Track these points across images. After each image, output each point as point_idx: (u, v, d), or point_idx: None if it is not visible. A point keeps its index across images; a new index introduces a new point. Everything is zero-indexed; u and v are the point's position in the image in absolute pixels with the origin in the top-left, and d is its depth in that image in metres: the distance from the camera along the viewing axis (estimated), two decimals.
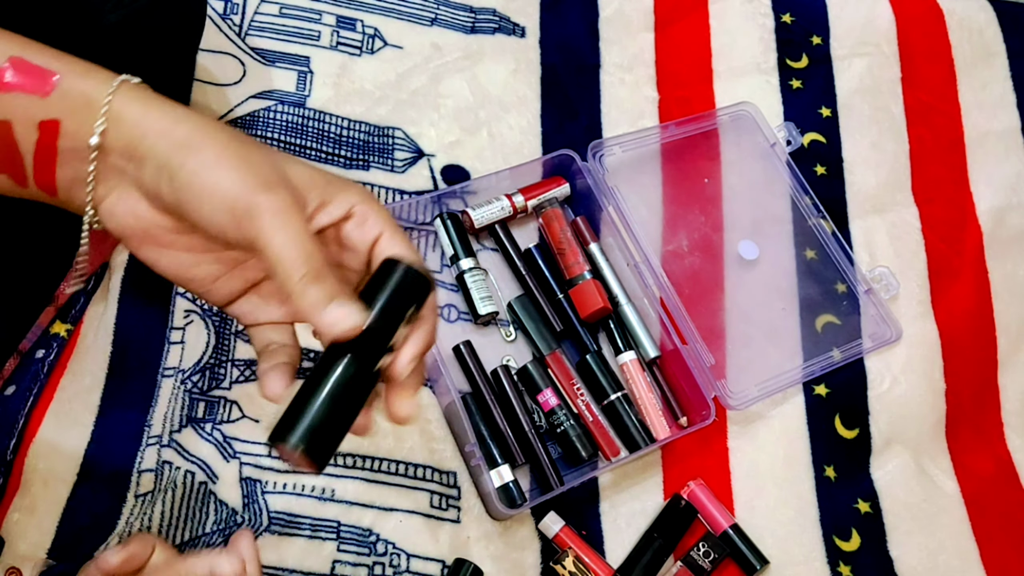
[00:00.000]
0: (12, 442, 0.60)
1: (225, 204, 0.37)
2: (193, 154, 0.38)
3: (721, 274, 0.75)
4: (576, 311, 0.69)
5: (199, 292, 0.43)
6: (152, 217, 0.40)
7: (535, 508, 0.65)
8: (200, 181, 0.38)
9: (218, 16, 0.74)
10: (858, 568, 0.67)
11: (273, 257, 0.37)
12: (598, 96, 0.80)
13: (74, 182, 0.40)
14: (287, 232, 0.37)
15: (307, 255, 0.37)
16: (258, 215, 0.37)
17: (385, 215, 0.41)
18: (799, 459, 0.70)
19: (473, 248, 0.71)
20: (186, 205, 0.38)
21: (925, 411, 0.73)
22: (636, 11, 0.85)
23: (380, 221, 0.41)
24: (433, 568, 0.62)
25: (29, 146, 0.39)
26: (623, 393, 0.67)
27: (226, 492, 0.60)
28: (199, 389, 0.62)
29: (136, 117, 0.39)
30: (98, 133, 0.38)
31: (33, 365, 0.62)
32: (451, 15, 0.80)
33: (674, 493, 0.67)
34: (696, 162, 0.79)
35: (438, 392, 0.66)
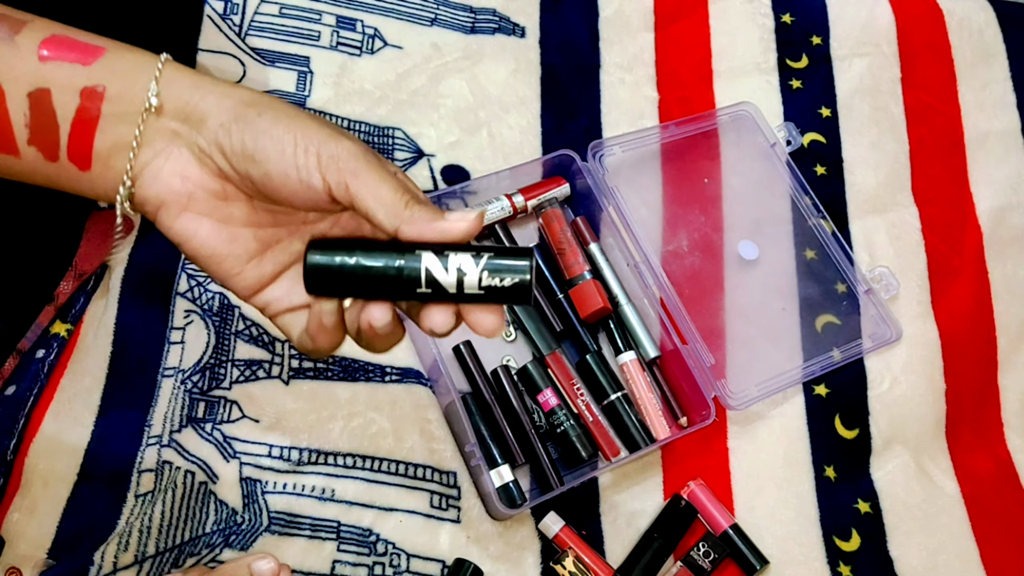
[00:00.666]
0: (12, 442, 0.60)
1: (311, 149, 0.38)
2: (267, 108, 0.39)
3: (721, 274, 0.75)
4: (576, 311, 0.69)
5: (229, 275, 0.42)
6: (202, 179, 0.40)
7: (535, 508, 0.65)
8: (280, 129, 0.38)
9: (218, 16, 0.74)
10: (858, 568, 0.67)
11: (373, 195, 0.37)
12: (598, 96, 0.80)
13: (115, 149, 0.39)
14: (380, 170, 0.38)
15: (402, 186, 0.38)
16: (349, 157, 0.38)
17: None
18: (799, 459, 0.70)
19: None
20: (262, 154, 0.38)
21: (925, 411, 0.73)
22: (636, 11, 0.85)
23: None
24: (433, 568, 0.62)
25: (68, 114, 0.38)
26: (623, 393, 0.67)
27: (226, 492, 0.60)
28: (199, 389, 0.63)
29: (192, 80, 0.39)
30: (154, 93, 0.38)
31: (33, 365, 0.62)
32: (451, 15, 0.80)
33: (674, 493, 0.67)
34: (696, 162, 0.79)
35: (438, 392, 0.66)
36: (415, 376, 0.66)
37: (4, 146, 0.39)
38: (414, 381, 0.66)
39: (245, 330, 0.65)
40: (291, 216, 0.43)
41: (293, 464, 0.62)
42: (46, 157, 0.39)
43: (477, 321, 0.40)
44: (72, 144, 0.39)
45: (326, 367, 0.65)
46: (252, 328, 0.65)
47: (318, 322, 0.41)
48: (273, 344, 0.65)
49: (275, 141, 0.38)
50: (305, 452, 0.62)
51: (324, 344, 0.41)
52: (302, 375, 0.65)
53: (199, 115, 0.39)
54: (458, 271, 0.38)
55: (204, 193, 0.40)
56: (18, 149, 0.39)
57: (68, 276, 0.66)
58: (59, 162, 0.39)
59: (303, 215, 0.43)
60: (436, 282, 0.38)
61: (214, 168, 0.39)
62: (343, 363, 0.66)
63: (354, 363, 0.66)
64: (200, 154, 0.39)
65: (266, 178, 0.38)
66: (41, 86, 0.38)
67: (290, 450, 0.62)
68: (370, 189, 0.38)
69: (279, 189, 0.39)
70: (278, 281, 0.43)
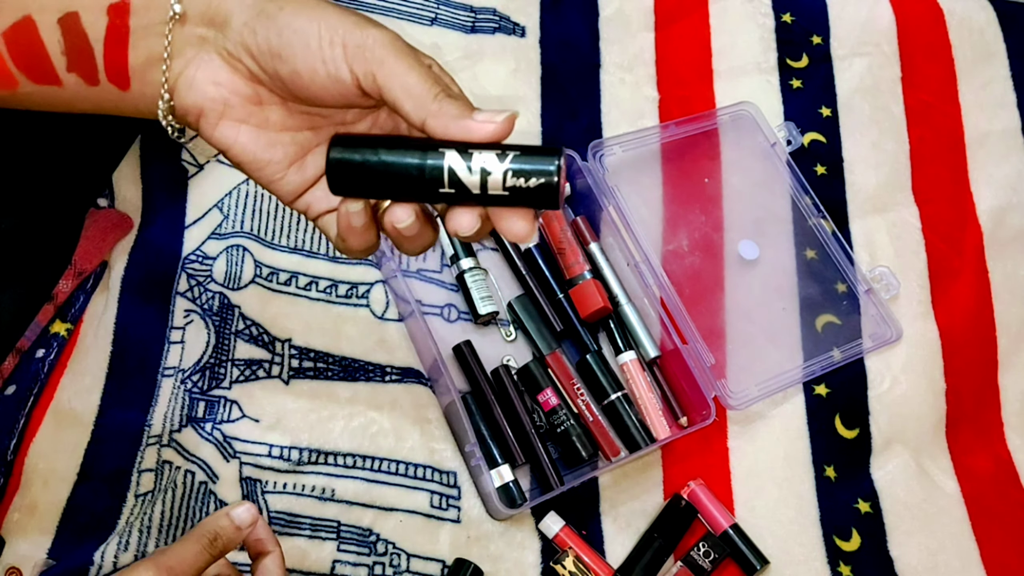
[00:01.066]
0: (12, 442, 0.60)
1: (336, 40, 0.37)
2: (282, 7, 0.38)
3: (721, 274, 0.75)
4: (576, 311, 0.69)
5: (272, 180, 0.41)
6: (234, 84, 0.39)
7: (535, 508, 0.65)
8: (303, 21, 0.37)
9: None
10: (858, 568, 0.67)
11: (401, 84, 0.36)
12: (598, 96, 0.80)
13: (148, 63, 0.39)
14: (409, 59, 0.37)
15: (433, 76, 0.37)
16: (375, 46, 0.37)
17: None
18: (799, 459, 0.70)
19: (473, 248, 0.71)
20: (287, 50, 0.37)
21: (925, 411, 0.73)
22: (636, 11, 0.85)
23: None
24: (433, 568, 0.62)
25: (99, 33, 0.38)
26: (623, 393, 0.67)
27: (226, 492, 0.60)
28: (199, 389, 0.62)
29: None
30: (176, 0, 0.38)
31: (33, 365, 0.62)
32: (451, 15, 0.80)
33: (674, 493, 0.67)
34: (696, 162, 0.79)
35: (438, 392, 0.66)
36: (415, 376, 0.66)
37: (46, 76, 0.39)
38: (414, 381, 0.66)
39: (245, 330, 0.65)
40: (329, 118, 0.42)
41: (293, 464, 0.62)
42: (87, 82, 0.39)
43: (507, 227, 0.38)
44: (108, 63, 0.39)
45: (326, 367, 0.65)
46: (252, 328, 0.65)
47: (347, 223, 0.40)
48: (273, 344, 0.65)
49: (299, 35, 0.37)
50: (305, 452, 0.62)
51: (356, 245, 0.40)
52: (302, 375, 0.64)
53: (223, 16, 0.38)
54: (482, 171, 0.36)
55: (239, 99, 0.40)
56: (59, 78, 0.39)
57: (67, 275, 0.66)
58: (100, 85, 0.40)
59: (341, 115, 0.42)
60: (460, 182, 0.37)
61: (245, 71, 0.39)
62: (343, 363, 0.66)
63: (354, 363, 0.66)
64: (229, 58, 0.39)
65: (295, 75, 0.38)
66: (69, 9, 0.38)
67: (290, 450, 0.62)
68: (398, 78, 0.36)
69: (308, 86, 0.38)
70: (319, 183, 0.43)
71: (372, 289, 0.68)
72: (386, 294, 0.68)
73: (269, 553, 0.50)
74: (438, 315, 0.69)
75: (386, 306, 0.68)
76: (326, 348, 0.66)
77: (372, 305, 0.68)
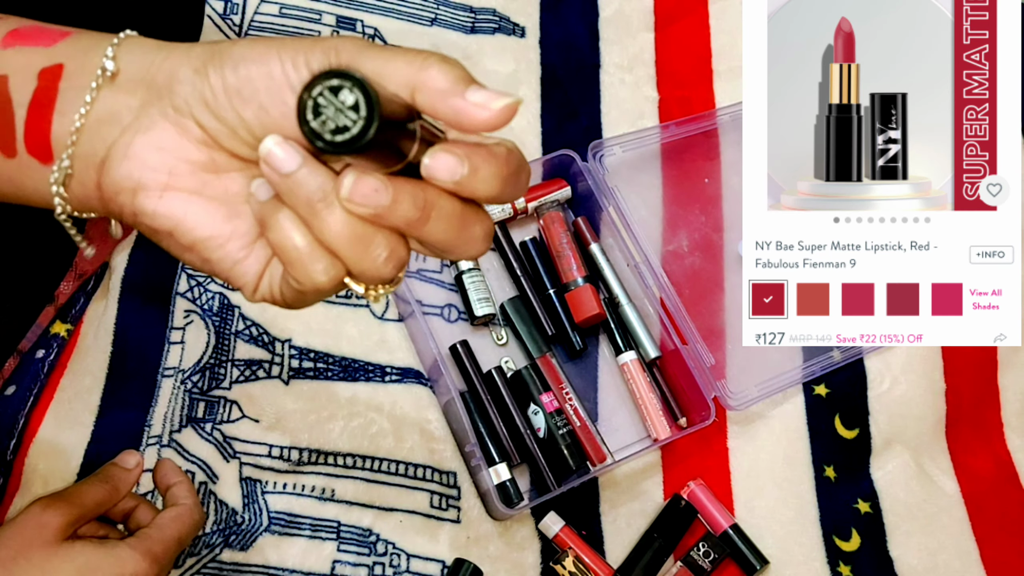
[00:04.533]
0: (12, 442, 0.60)
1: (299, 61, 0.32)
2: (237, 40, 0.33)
3: (721, 274, 0.75)
4: (571, 315, 0.69)
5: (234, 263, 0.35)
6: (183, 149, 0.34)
7: (535, 508, 0.65)
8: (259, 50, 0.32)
9: (218, 16, 0.74)
10: (858, 568, 0.67)
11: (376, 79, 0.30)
12: (598, 96, 0.80)
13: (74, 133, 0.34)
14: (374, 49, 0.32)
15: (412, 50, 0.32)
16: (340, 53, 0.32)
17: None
18: (799, 459, 0.70)
19: None
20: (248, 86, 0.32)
21: (925, 411, 0.73)
22: (636, 11, 0.85)
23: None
24: (433, 568, 0.62)
25: (24, 98, 0.34)
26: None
27: (226, 492, 0.60)
28: (199, 389, 0.63)
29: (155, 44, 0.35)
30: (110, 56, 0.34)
31: (33, 365, 0.62)
32: (451, 15, 0.80)
33: (674, 493, 0.67)
34: (696, 162, 0.79)
35: (438, 392, 0.66)
36: (415, 376, 0.66)
37: None
38: (414, 381, 0.66)
39: (245, 330, 0.65)
40: None
41: (293, 464, 0.62)
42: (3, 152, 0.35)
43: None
44: (29, 131, 0.34)
45: (326, 367, 0.65)
46: (252, 328, 0.65)
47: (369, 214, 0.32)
48: (273, 344, 0.65)
49: (258, 64, 0.32)
50: (305, 452, 0.62)
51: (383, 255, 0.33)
52: (302, 375, 0.65)
53: (165, 75, 0.33)
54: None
55: (188, 166, 0.34)
56: None
57: (68, 276, 0.66)
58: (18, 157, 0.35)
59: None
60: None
61: (197, 133, 0.33)
62: (343, 363, 0.66)
63: (354, 363, 0.66)
64: (177, 117, 0.33)
65: (261, 113, 0.32)
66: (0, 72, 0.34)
67: (290, 450, 0.62)
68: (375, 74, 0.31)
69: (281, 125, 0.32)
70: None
71: None
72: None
73: (176, 483, 0.57)
74: (438, 315, 0.69)
75: (386, 306, 0.68)
76: (326, 348, 0.66)
77: (372, 305, 0.68)
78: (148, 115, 0.34)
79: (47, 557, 0.48)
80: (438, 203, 0.32)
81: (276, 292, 0.35)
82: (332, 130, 0.28)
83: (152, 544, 0.51)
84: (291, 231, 0.32)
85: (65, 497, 0.52)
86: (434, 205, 0.32)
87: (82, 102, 0.34)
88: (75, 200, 0.35)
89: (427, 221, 0.32)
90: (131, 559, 0.50)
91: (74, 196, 0.35)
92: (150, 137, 0.34)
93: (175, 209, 0.34)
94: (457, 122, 0.31)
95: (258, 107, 0.32)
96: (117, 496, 0.56)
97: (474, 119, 0.31)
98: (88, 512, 0.53)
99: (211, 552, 0.59)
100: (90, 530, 0.54)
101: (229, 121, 0.33)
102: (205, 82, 0.33)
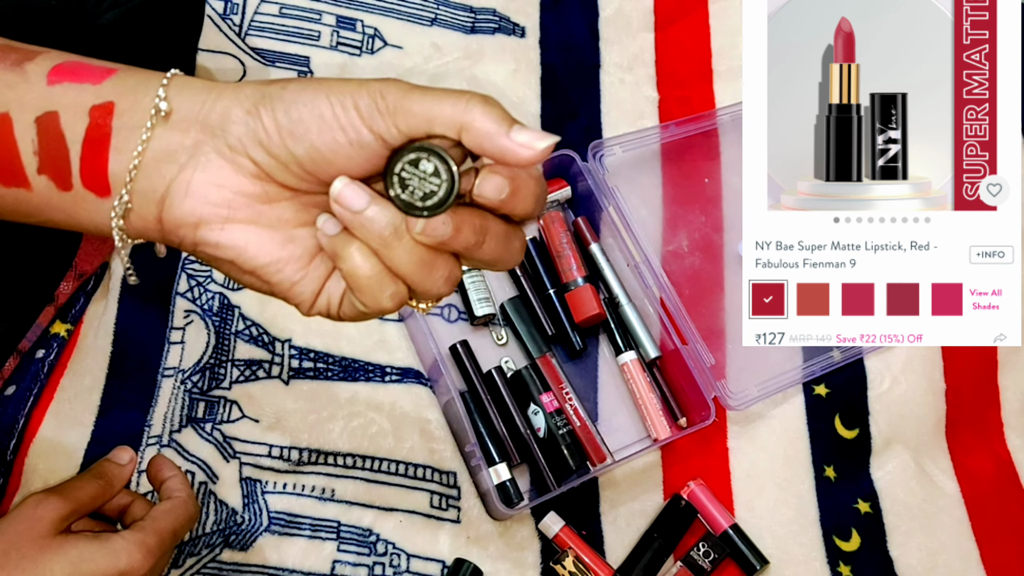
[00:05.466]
0: (12, 442, 0.60)
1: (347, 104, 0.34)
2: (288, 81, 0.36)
3: (721, 274, 0.75)
4: (571, 315, 0.69)
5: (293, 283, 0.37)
6: (239, 184, 0.36)
7: (535, 508, 0.65)
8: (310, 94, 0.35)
9: (218, 16, 0.74)
10: (858, 568, 0.67)
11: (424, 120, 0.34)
12: (598, 96, 0.80)
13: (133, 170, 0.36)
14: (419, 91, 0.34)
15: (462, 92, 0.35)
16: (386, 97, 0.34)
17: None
18: (799, 459, 0.70)
19: None
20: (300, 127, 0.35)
21: (925, 411, 0.73)
22: (636, 11, 0.85)
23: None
24: (433, 568, 0.62)
25: (77, 135, 0.36)
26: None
27: (226, 492, 0.60)
28: (199, 389, 0.63)
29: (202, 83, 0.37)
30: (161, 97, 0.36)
31: (33, 365, 0.62)
32: (451, 15, 0.80)
33: (674, 493, 0.67)
34: (696, 162, 0.79)
35: (438, 392, 0.66)
36: (415, 376, 0.66)
37: (13, 178, 0.36)
38: (414, 381, 0.66)
39: (245, 330, 0.65)
40: None
41: (293, 464, 0.62)
42: (59, 186, 0.36)
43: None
44: (85, 166, 0.36)
45: (326, 367, 0.65)
46: (252, 328, 0.65)
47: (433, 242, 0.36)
48: (273, 344, 0.65)
49: (310, 107, 0.34)
50: (305, 452, 0.62)
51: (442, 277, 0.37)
52: (302, 375, 0.65)
53: (218, 115, 0.36)
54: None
55: (244, 199, 0.36)
56: (28, 180, 0.36)
57: (68, 276, 0.66)
58: (74, 191, 0.36)
59: None
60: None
61: (250, 168, 0.36)
62: (343, 363, 0.66)
63: (354, 363, 0.66)
64: (231, 155, 0.36)
65: (313, 152, 0.35)
66: (49, 109, 0.36)
67: (290, 450, 0.62)
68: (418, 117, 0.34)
69: (332, 160, 0.35)
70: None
71: None
72: None
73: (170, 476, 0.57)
74: (438, 315, 0.69)
75: None
76: (326, 348, 0.66)
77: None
78: (204, 153, 0.36)
79: (40, 550, 0.48)
80: (490, 227, 0.36)
81: (334, 310, 0.38)
82: (421, 197, 0.34)
83: (146, 536, 0.51)
84: (362, 262, 0.35)
85: (59, 492, 0.52)
86: (488, 229, 0.36)
87: (138, 140, 0.36)
88: (133, 231, 0.37)
89: (483, 244, 0.36)
90: (124, 551, 0.49)
91: (132, 228, 0.37)
92: (208, 175, 0.36)
93: (236, 240, 0.36)
94: (503, 160, 0.34)
95: (309, 145, 0.35)
96: (111, 492, 0.56)
97: (519, 159, 0.34)
98: (82, 507, 0.52)
99: (211, 552, 0.59)
100: (85, 526, 0.54)
101: (281, 158, 0.35)
102: (258, 123, 0.35)
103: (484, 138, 0.34)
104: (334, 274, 0.38)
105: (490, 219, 0.36)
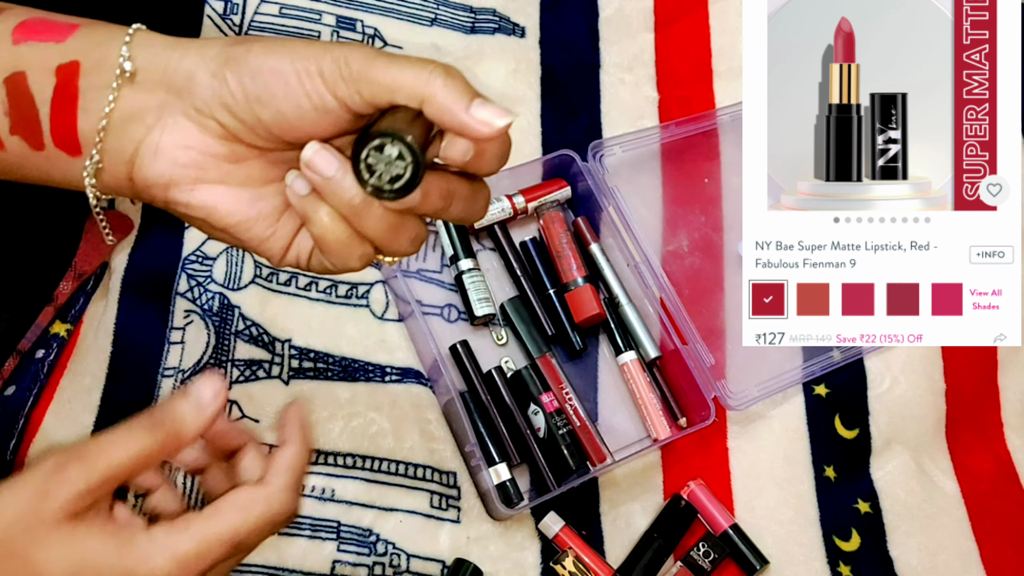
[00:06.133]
0: (12, 442, 0.60)
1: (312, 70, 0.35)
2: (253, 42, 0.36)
3: (721, 274, 0.75)
4: (571, 315, 0.69)
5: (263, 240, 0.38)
6: (207, 145, 0.36)
7: (535, 508, 0.65)
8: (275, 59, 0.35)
9: (218, 16, 0.74)
10: (858, 568, 0.67)
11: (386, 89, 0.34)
12: (598, 96, 0.80)
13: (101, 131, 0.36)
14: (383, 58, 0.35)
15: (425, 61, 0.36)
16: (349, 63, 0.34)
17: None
18: (799, 459, 0.70)
19: (473, 248, 0.71)
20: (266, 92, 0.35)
21: (925, 411, 0.73)
22: (636, 11, 0.85)
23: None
24: (433, 568, 0.62)
25: (45, 95, 0.36)
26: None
27: None
28: None
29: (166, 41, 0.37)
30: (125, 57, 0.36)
31: (33, 365, 0.62)
32: (451, 15, 0.80)
33: (674, 493, 0.67)
34: (696, 162, 0.79)
35: (438, 392, 0.66)
36: (415, 376, 0.66)
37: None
38: (414, 381, 0.66)
39: (245, 330, 0.65)
40: None
41: None
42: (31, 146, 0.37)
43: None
44: (55, 127, 0.36)
45: (326, 367, 0.65)
46: (252, 328, 0.65)
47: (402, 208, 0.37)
48: (273, 344, 0.65)
49: (275, 73, 0.35)
50: None
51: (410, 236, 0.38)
52: (302, 375, 0.65)
53: (183, 76, 0.36)
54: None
55: (213, 160, 0.37)
56: (2, 140, 0.37)
57: (68, 276, 0.66)
58: (46, 150, 0.37)
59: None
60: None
61: (217, 130, 0.36)
62: (343, 363, 0.66)
63: (354, 363, 0.66)
64: (198, 117, 0.36)
65: (279, 117, 0.35)
66: (16, 70, 0.36)
67: None
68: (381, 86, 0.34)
69: (297, 125, 0.36)
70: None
71: (372, 289, 0.68)
72: (386, 294, 0.69)
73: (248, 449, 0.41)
74: (438, 315, 0.69)
75: (386, 306, 0.68)
76: (326, 348, 0.66)
77: (372, 305, 0.68)
78: (171, 114, 0.36)
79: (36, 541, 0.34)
80: (456, 189, 0.37)
81: (303, 263, 0.40)
82: (389, 180, 0.34)
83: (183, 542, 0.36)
84: (332, 226, 0.36)
85: (84, 456, 0.36)
86: (454, 192, 0.37)
87: (104, 100, 0.36)
88: (105, 189, 0.38)
89: (450, 206, 0.37)
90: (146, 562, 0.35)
91: (105, 186, 0.38)
92: (176, 136, 0.36)
93: (206, 200, 0.37)
94: (462, 135, 0.35)
95: (275, 111, 0.35)
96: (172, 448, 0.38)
97: (478, 135, 0.35)
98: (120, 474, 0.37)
99: None
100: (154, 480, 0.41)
101: (248, 122, 0.36)
102: (224, 87, 0.35)
103: (444, 112, 0.34)
104: (303, 230, 0.39)
105: (455, 181, 0.37)
